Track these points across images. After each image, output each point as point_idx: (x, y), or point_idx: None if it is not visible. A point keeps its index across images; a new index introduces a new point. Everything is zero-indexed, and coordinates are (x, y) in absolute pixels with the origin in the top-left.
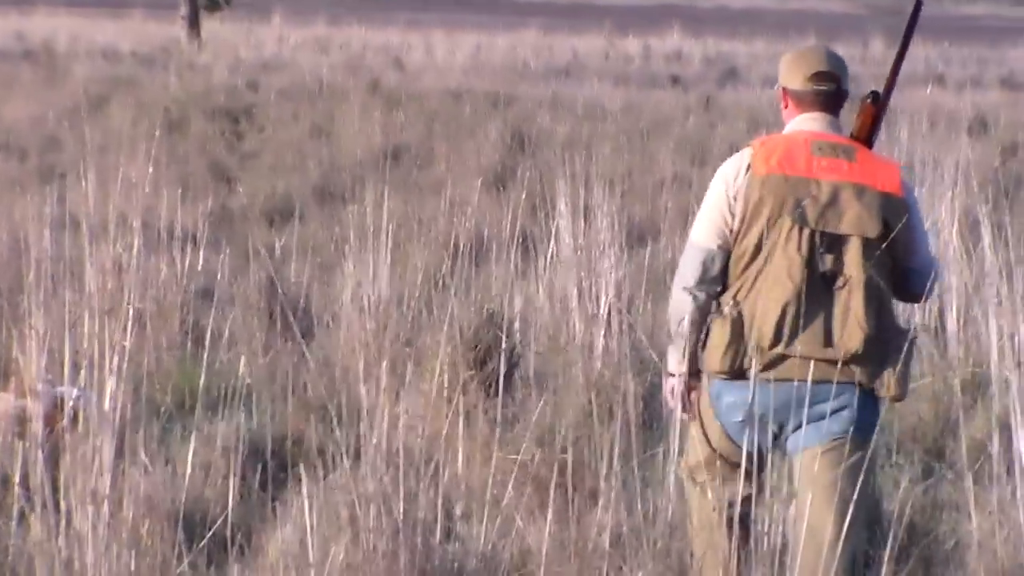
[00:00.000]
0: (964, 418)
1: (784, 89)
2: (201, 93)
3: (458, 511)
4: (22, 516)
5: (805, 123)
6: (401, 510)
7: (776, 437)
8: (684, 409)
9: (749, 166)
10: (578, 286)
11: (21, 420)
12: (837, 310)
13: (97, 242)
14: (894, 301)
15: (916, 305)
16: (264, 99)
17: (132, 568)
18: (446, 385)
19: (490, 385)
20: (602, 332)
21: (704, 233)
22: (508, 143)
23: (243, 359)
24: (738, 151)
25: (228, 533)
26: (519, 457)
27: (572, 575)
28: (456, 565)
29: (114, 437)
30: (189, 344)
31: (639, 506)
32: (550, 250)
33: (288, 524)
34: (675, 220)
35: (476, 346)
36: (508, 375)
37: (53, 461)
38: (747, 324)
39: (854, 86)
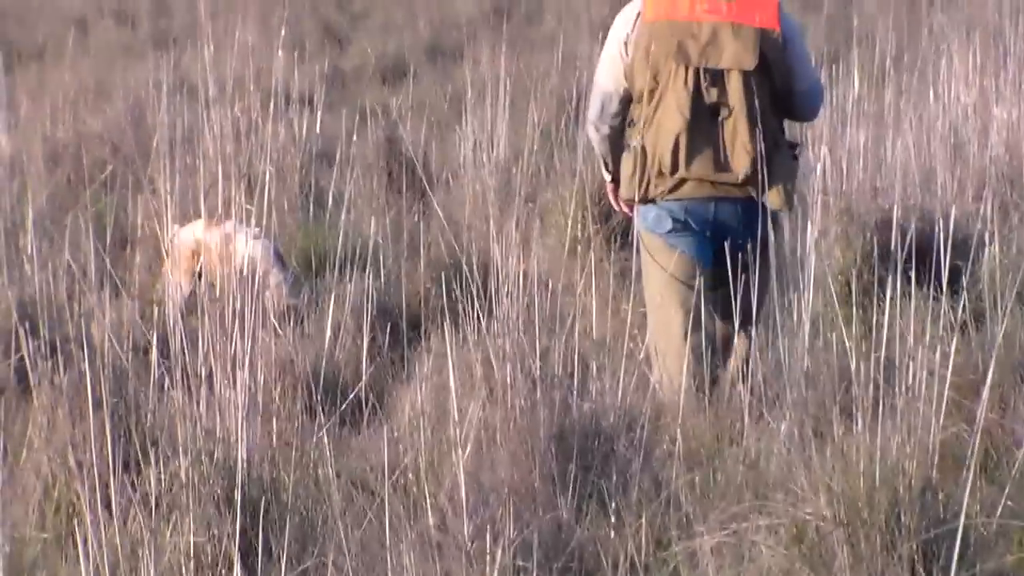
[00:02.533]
0: None
1: None
2: None
3: (593, 366)
4: (162, 382)
5: None
6: (537, 366)
7: (716, 252)
8: (623, 207)
9: (639, 14)
10: None
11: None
12: (726, 137)
13: (214, 107)
14: (786, 122)
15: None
16: None
17: (273, 435)
18: (571, 240)
19: (614, 239)
20: None
21: (603, 75)
22: None
23: (372, 219)
24: None
25: (363, 394)
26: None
27: (709, 426)
28: (594, 420)
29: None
30: (311, 206)
31: (772, 355)
32: None
33: (422, 384)
34: None
35: (600, 200)
36: (628, 229)
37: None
38: (649, 155)
39: None
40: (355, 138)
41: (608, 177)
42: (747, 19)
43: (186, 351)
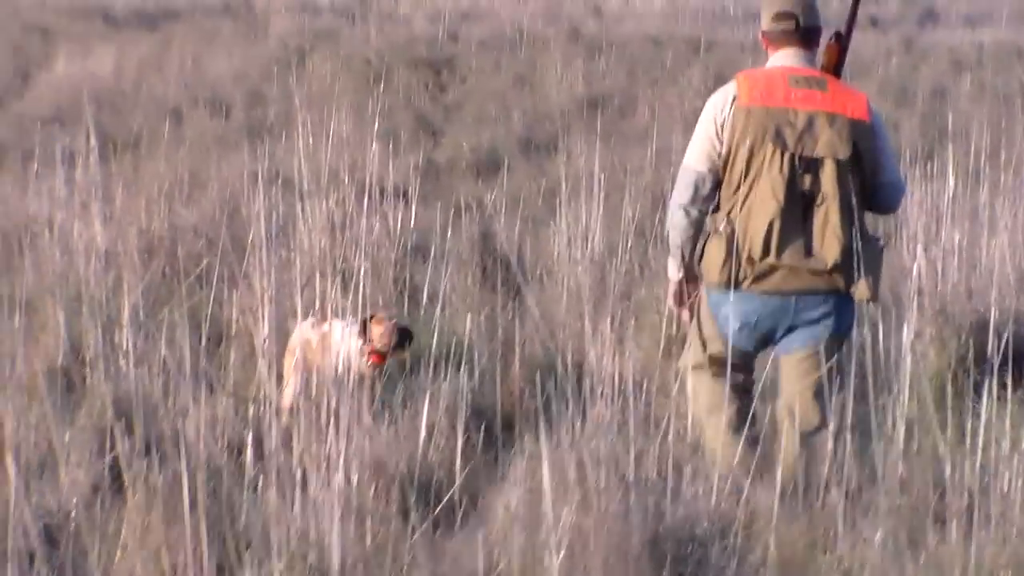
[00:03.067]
0: None
1: (762, 32)
2: (402, 45)
3: (687, 470)
4: (256, 483)
5: (782, 59)
6: (631, 470)
7: (766, 343)
8: (682, 308)
9: (735, 98)
10: None
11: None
12: (816, 224)
13: (309, 199)
14: (867, 214)
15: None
16: (465, 49)
17: (368, 538)
18: (665, 340)
19: None
20: None
21: (695, 157)
22: (711, 89)
23: (467, 316)
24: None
25: (456, 496)
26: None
27: (803, 533)
28: (688, 526)
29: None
30: (406, 302)
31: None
32: None
33: (516, 486)
34: None
35: None
36: None
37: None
38: (739, 239)
39: None
40: (449, 233)
41: (678, 275)
42: (841, 108)
43: (280, 451)
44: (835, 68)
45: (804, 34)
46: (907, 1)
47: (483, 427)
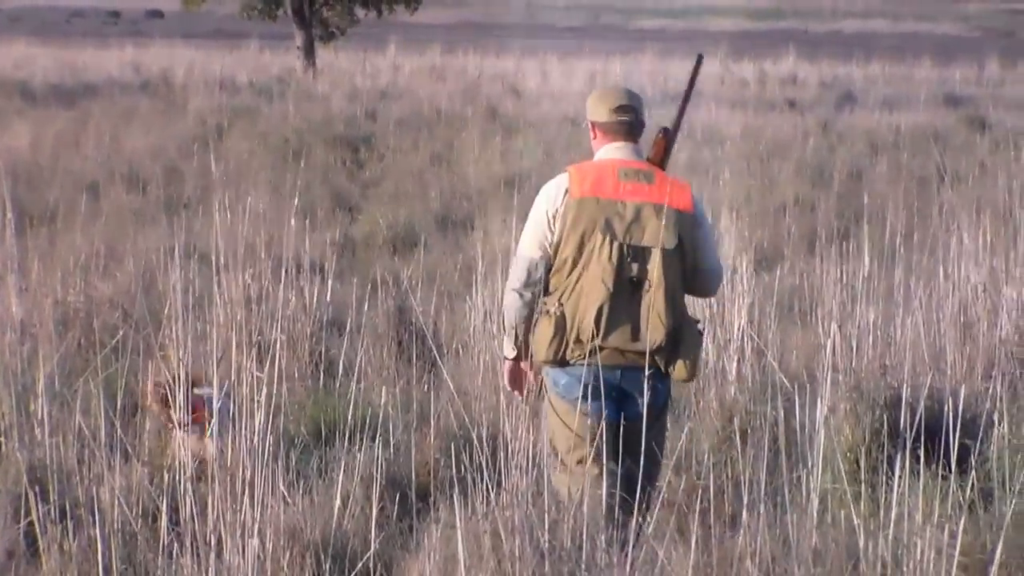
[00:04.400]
0: None
1: (592, 123)
2: (320, 122)
3: (601, 539)
4: (171, 549)
5: (612, 152)
6: (546, 540)
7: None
8: (517, 388)
9: (567, 190)
10: (709, 311)
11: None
12: (643, 309)
13: (226, 273)
14: (687, 297)
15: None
16: (383, 128)
17: None
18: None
19: None
20: (735, 358)
21: (528, 245)
22: None
23: (383, 389)
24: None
25: (371, 565)
26: (660, 484)
27: None
28: None
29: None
30: (321, 375)
31: (780, 532)
32: None
33: (431, 554)
34: (799, 243)
35: None
36: None
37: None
38: (569, 321)
39: (972, 108)
40: (366, 307)
41: (511, 353)
42: (666, 200)
43: (195, 517)
44: (661, 160)
45: (637, 128)
46: (825, 84)
47: (398, 497)
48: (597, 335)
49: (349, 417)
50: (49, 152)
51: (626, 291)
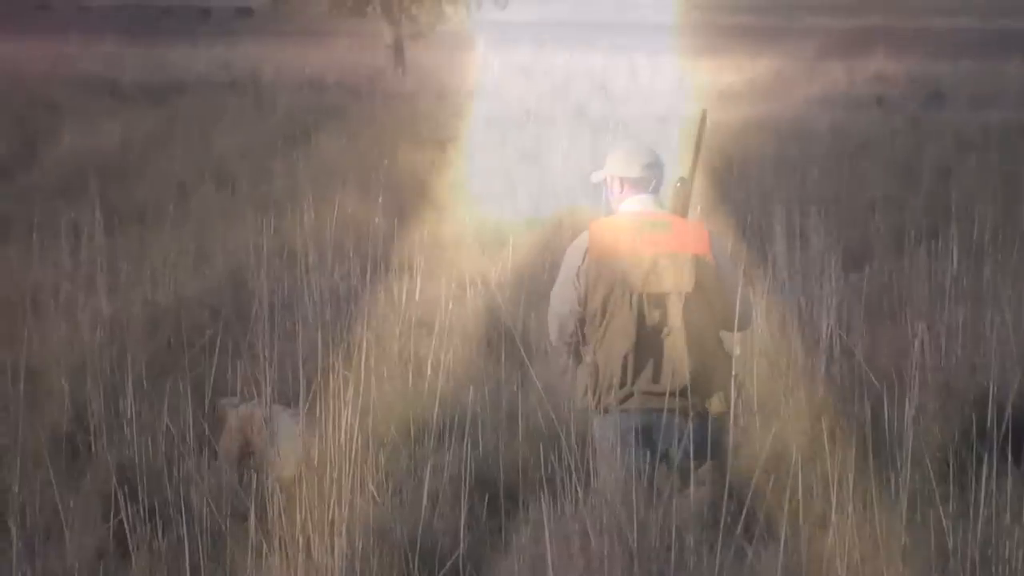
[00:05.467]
0: None
1: (620, 178)
2: (408, 121)
3: (690, 539)
4: (260, 549)
5: (636, 204)
6: (634, 539)
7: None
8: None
9: (587, 251)
10: (798, 311)
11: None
12: (667, 352)
13: (315, 272)
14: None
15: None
16: (471, 126)
17: None
18: None
19: None
20: (823, 357)
21: (559, 301)
22: (716, 166)
23: (471, 389)
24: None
25: (460, 565)
26: (752, 481)
27: None
28: None
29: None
30: (410, 375)
31: (869, 532)
32: (768, 276)
33: (520, 555)
34: (887, 242)
35: None
36: None
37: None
38: (601, 369)
39: None
40: (453, 306)
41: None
42: (683, 248)
43: (283, 516)
44: (684, 209)
45: (662, 180)
46: (913, 81)
47: (487, 497)
48: (625, 382)
49: (438, 417)
50: (138, 151)
51: (651, 336)
